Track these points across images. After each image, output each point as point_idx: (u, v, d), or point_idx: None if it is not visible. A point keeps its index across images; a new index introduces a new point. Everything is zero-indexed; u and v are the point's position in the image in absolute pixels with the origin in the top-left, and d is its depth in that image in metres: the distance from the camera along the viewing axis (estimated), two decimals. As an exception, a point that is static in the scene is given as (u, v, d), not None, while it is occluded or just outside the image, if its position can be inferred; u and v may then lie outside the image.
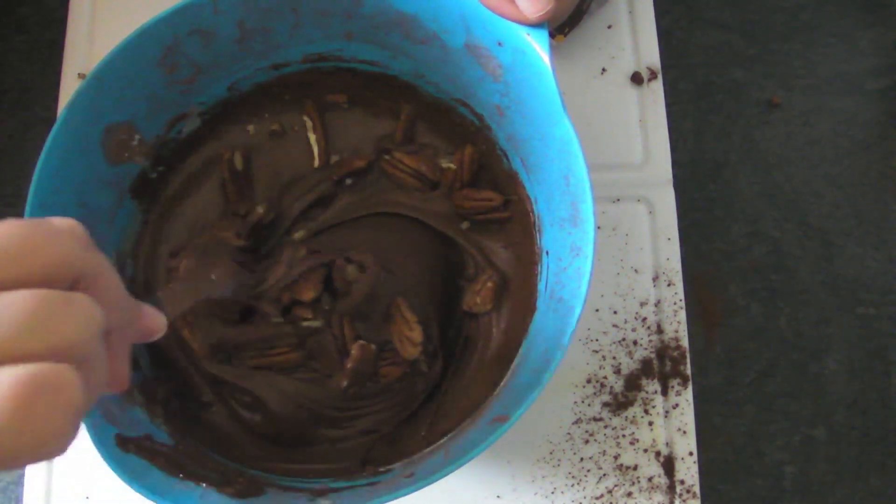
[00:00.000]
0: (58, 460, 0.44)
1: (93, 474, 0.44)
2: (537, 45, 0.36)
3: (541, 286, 0.40)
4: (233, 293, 0.40)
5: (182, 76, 0.39)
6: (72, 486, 0.44)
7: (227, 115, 0.43)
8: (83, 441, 0.44)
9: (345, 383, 0.41)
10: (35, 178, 0.35)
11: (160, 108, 0.40)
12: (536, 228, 0.42)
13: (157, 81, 0.38)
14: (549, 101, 0.36)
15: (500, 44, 0.37)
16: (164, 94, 0.39)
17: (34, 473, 0.44)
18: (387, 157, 0.45)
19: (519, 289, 0.43)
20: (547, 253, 0.40)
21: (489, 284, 0.43)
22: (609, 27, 0.52)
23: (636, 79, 0.50)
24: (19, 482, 0.45)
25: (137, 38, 0.36)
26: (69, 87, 0.50)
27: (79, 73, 0.50)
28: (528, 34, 0.36)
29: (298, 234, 0.44)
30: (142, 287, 0.43)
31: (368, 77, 0.44)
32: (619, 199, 0.49)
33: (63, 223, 0.25)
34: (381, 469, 0.38)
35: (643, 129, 0.50)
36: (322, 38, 0.41)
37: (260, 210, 0.43)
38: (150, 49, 0.37)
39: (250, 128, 0.45)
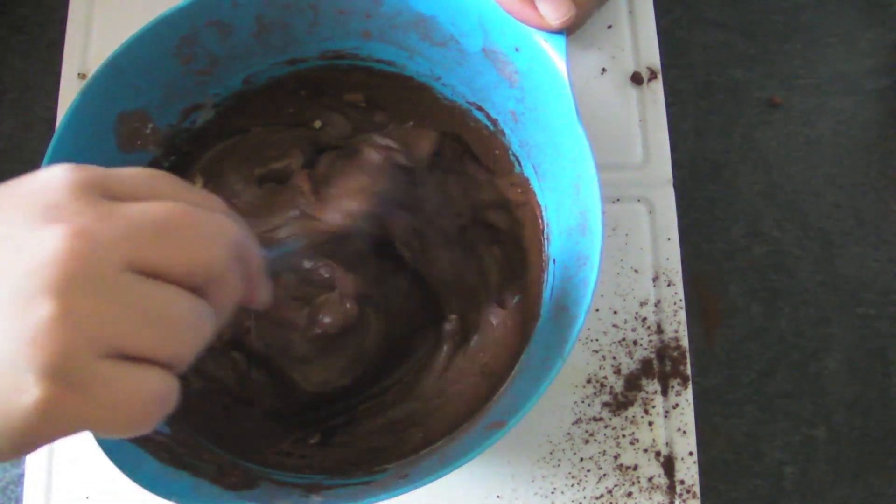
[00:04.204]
0: (58, 460, 0.44)
1: (93, 474, 0.44)
2: (554, 53, 0.36)
3: (546, 294, 0.40)
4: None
5: (198, 67, 0.39)
6: (72, 486, 0.44)
7: (242, 107, 0.43)
8: (83, 441, 0.44)
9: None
10: (45, 163, 0.34)
11: (175, 97, 0.40)
12: (545, 236, 0.42)
13: (172, 71, 0.38)
14: (564, 110, 0.35)
15: (517, 49, 0.37)
16: (179, 83, 0.39)
17: (34, 473, 0.44)
18: None
19: (525, 296, 0.43)
20: (554, 261, 0.40)
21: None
22: (609, 27, 0.52)
23: (636, 79, 0.50)
24: (19, 482, 0.45)
25: (155, 27, 0.36)
26: (69, 87, 0.50)
27: (79, 73, 0.50)
28: (546, 41, 0.36)
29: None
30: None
31: (385, 77, 0.44)
32: (619, 199, 0.49)
33: (228, 228, 0.27)
34: (376, 468, 0.38)
35: (643, 129, 0.50)
36: (340, 35, 0.41)
37: None
38: (167, 38, 0.37)
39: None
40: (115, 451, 0.32)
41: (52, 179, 0.24)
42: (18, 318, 0.21)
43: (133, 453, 0.33)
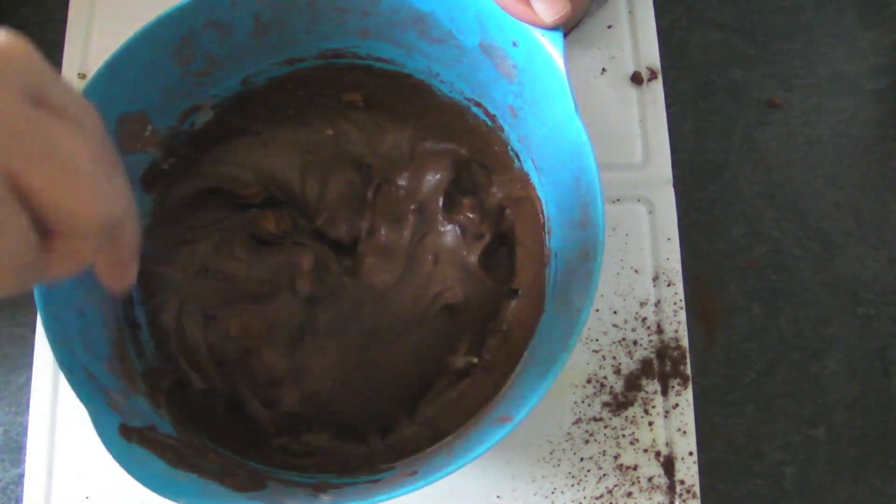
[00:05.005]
0: (58, 460, 0.44)
1: (93, 474, 0.44)
2: (551, 47, 0.36)
3: (549, 288, 0.40)
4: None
5: (196, 68, 0.39)
6: (72, 486, 0.44)
7: (241, 108, 0.43)
8: (83, 440, 0.44)
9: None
10: None
11: (174, 99, 0.40)
12: (546, 230, 0.42)
13: (171, 72, 0.38)
14: (563, 104, 0.36)
15: (514, 44, 0.37)
16: (178, 85, 0.39)
17: (34, 473, 0.44)
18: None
19: (527, 291, 0.43)
20: (556, 255, 0.40)
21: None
22: (609, 27, 0.52)
23: (636, 79, 0.50)
24: (19, 482, 0.45)
25: (153, 29, 0.36)
26: (69, 87, 0.50)
27: (79, 73, 0.50)
28: (543, 36, 0.36)
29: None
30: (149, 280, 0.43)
31: (383, 75, 0.44)
32: (619, 199, 0.49)
33: (123, 208, 0.24)
34: (383, 466, 0.38)
35: (643, 129, 0.50)
36: (338, 34, 0.41)
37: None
38: (165, 39, 0.37)
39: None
40: (121, 453, 0.32)
41: (3, 43, 0.22)
42: None
43: (139, 455, 0.33)
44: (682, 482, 0.45)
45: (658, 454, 0.45)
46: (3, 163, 0.21)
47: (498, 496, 0.45)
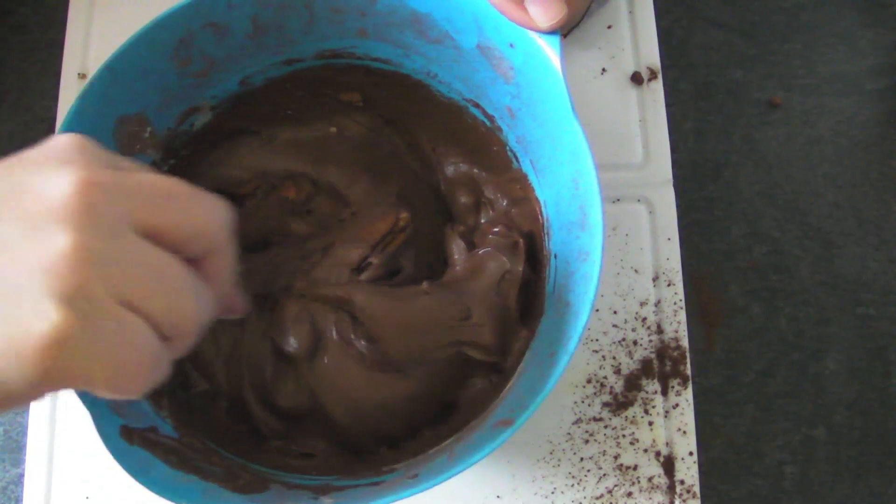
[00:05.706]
0: (58, 460, 0.44)
1: (93, 475, 0.44)
2: (549, 49, 0.36)
3: (548, 289, 0.40)
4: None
5: (195, 69, 0.39)
6: (72, 486, 0.44)
7: (240, 109, 0.43)
8: (83, 441, 0.44)
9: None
10: None
11: (172, 100, 0.40)
12: (545, 231, 0.42)
13: (170, 74, 0.38)
14: (560, 105, 0.36)
15: (511, 45, 0.37)
16: (176, 86, 0.39)
17: (34, 473, 0.44)
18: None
19: (528, 293, 0.43)
20: (555, 256, 0.40)
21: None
22: (609, 27, 0.52)
23: (636, 79, 0.50)
24: (19, 482, 0.45)
25: (151, 31, 0.36)
26: (69, 87, 0.50)
27: (79, 73, 0.50)
28: (540, 37, 0.36)
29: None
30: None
31: (381, 75, 0.44)
32: (619, 199, 0.49)
33: (223, 207, 0.27)
34: (385, 469, 0.38)
35: (643, 129, 0.50)
36: (335, 35, 0.41)
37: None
38: (163, 41, 0.37)
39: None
40: (122, 455, 0.32)
41: (64, 140, 0.25)
42: (33, 249, 0.22)
43: (142, 458, 0.33)
44: (682, 482, 0.45)
45: (658, 454, 0.45)
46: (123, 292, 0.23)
47: (498, 496, 0.45)
